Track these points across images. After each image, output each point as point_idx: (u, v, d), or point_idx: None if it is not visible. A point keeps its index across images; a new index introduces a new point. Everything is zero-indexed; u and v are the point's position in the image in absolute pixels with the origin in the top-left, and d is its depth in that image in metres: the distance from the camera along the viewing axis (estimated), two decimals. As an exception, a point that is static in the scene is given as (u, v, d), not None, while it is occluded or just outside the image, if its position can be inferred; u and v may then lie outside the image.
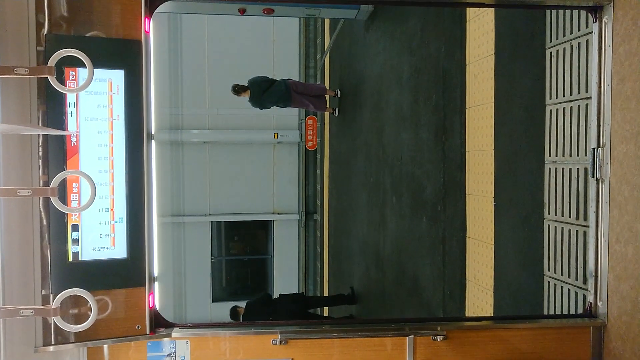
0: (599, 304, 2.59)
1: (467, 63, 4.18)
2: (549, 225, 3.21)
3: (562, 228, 3.08)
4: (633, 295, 2.36)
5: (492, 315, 3.77)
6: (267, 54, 11.02)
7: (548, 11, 3.16)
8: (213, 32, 10.97)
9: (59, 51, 1.91)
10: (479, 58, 4.00)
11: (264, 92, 7.41)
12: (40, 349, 2.24)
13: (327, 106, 8.31)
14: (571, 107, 3.00)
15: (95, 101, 2.30)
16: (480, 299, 3.96)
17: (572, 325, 2.58)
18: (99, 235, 2.32)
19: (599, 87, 2.56)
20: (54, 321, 2.13)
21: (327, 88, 8.46)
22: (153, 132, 2.43)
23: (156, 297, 2.48)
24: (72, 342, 2.29)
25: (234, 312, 6.85)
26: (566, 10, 2.99)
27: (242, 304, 6.94)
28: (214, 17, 10.35)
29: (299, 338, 2.50)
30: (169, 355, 2.48)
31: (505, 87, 3.71)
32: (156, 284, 2.49)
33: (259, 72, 8.09)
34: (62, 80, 2.19)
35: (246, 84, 7.39)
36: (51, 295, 2.22)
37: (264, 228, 11.94)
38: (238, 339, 2.50)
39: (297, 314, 6.91)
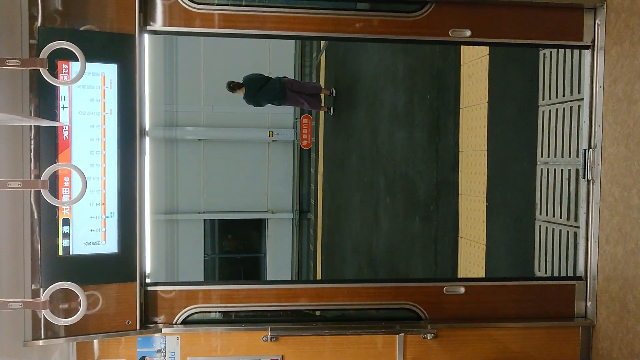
0: (588, 304, 2.60)
1: (461, 64, 4.19)
2: (540, 226, 3.23)
3: (553, 228, 3.10)
4: (622, 296, 2.38)
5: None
6: (263, 52, 10.99)
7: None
8: (209, 29, 10.91)
9: (51, 43, 1.90)
10: (473, 59, 4.01)
11: (259, 89, 7.39)
12: (29, 343, 2.23)
13: (322, 105, 8.30)
14: (563, 109, 3.02)
15: (87, 95, 2.29)
16: (471, 298, 3.98)
17: (561, 325, 2.60)
18: (90, 230, 2.31)
19: (591, 88, 2.58)
20: (44, 315, 2.12)
21: (322, 87, 8.45)
22: (147, 129, 2.42)
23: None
24: (62, 337, 2.28)
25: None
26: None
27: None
28: (210, 14, 10.28)
29: (290, 335, 2.50)
30: (159, 350, 2.48)
31: (499, 88, 3.73)
32: (148, 280, 2.48)
33: (254, 69, 8.07)
34: (54, 74, 2.17)
35: (241, 81, 7.37)
36: (41, 289, 2.21)
37: (257, 226, 11.92)
38: (229, 335, 2.50)
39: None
